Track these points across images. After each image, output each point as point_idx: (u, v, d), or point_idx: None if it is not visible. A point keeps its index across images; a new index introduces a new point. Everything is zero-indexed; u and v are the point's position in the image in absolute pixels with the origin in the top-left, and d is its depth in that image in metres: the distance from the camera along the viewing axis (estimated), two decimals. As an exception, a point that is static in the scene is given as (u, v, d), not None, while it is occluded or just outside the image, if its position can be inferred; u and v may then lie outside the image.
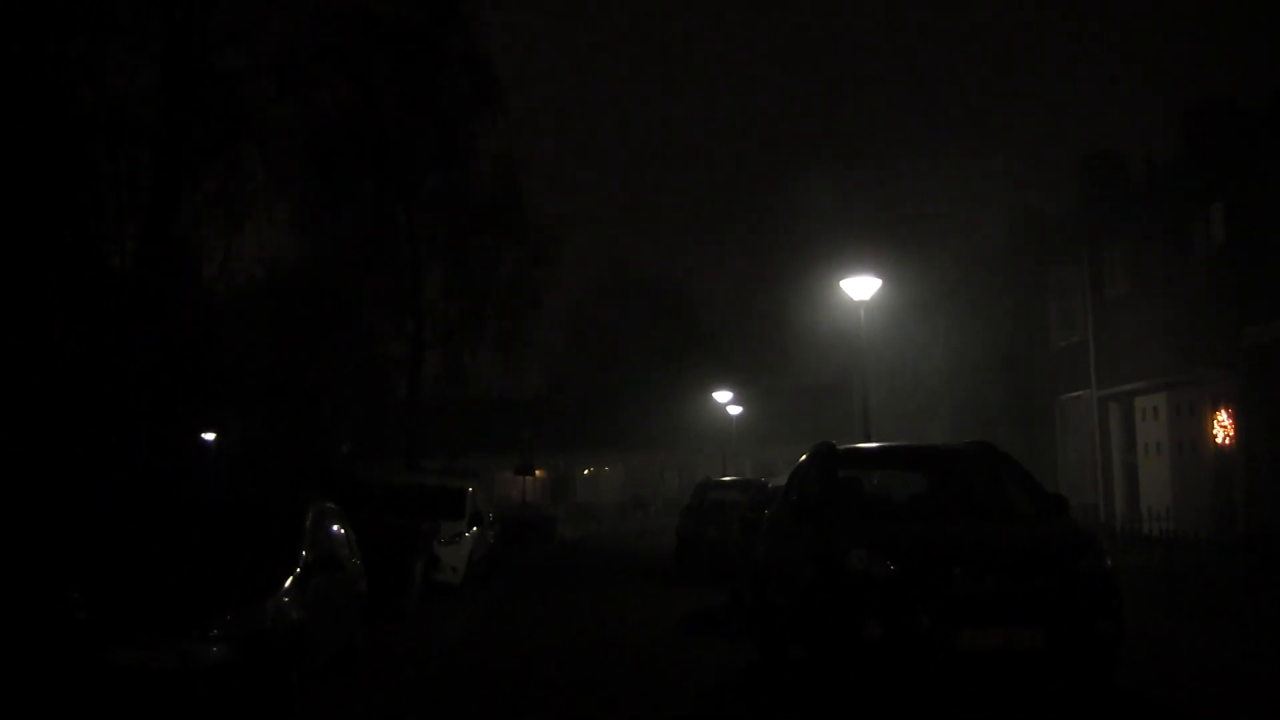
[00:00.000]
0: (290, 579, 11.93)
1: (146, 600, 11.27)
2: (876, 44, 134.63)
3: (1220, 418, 27.97)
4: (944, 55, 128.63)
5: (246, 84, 30.64)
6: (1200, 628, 17.34)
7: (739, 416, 63.65)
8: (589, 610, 21.84)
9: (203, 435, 38.92)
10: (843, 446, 15.40)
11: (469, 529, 25.15)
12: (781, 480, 18.40)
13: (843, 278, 28.07)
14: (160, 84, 28.06)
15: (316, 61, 33.22)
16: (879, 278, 27.86)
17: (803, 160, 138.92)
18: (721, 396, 62.73)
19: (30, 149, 23.26)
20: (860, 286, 27.68)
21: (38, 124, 23.71)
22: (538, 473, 59.36)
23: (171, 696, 10.77)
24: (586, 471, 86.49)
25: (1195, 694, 12.39)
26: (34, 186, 23.23)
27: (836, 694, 11.95)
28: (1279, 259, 24.87)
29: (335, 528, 14.29)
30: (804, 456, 15.43)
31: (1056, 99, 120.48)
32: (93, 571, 12.08)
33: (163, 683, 10.70)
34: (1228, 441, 27.61)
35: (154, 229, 27.61)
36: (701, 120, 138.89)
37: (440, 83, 41.36)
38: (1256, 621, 17.13)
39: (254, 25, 29.59)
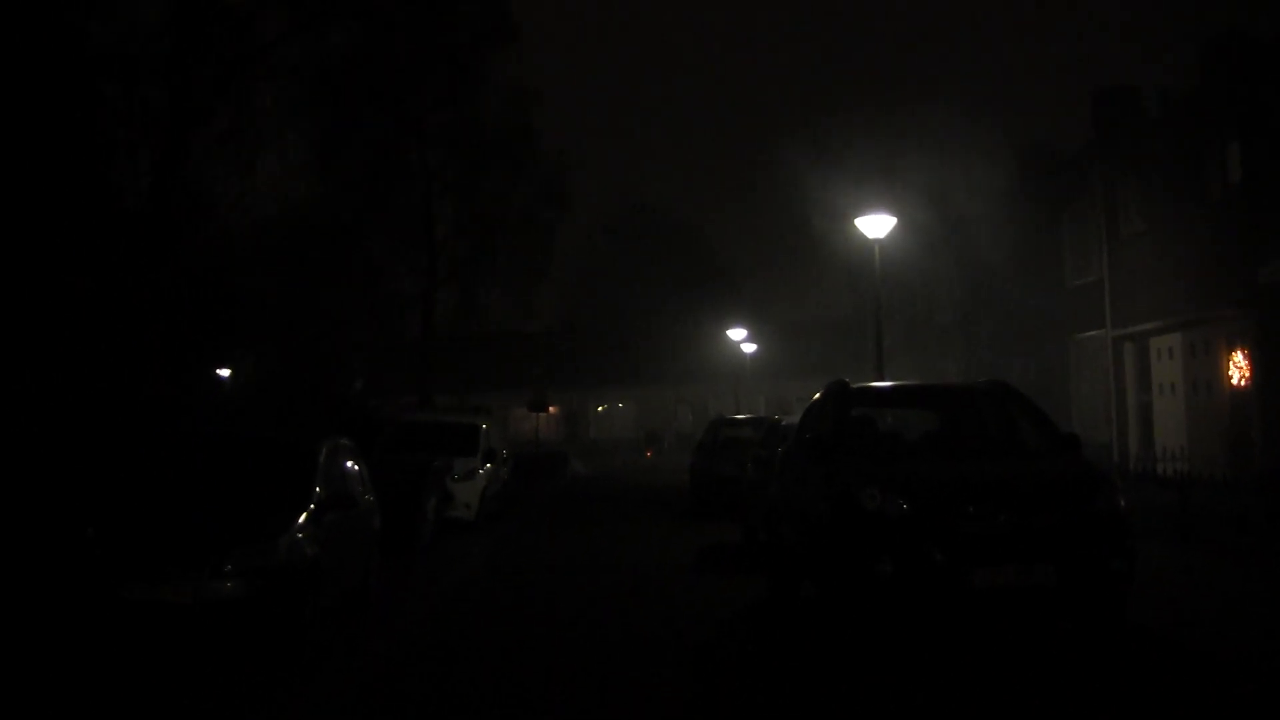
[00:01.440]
0: (304, 515, 11.95)
1: (161, 535, 11.29)
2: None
3: (1236, 357, 27.85)
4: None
5: (256, 19, 30.50)
6: (1213, 565, 17.35)
7: (753, 354, 63.61)
8: (603, 546, 21.89)
9: (217, 371, 38.96)
10: (856, 385, 15.37)
11: (482, 466, 25.20)
12: (795, 418, 18.40)
13: (857, 215, 27.97)
14: (169, 19, 27.94)
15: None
16: (893, 216, 27.77)
17: (819, 99, 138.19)
18: (735, 333, 62.68)
19: (41, 86, 23.18)
20: (875, 224, 27.59)
21: (48, 60, 23.62)
22: (551, 409, 59.42)
23: (185, 631, 10.84)
24: (600, 408, 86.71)
25: (1208, 631, 12.39)
26: (45, 123, 23.17)
27: (848, 630, 11.96)
28: (1297, 196, 24.73)
29: (349, 464, 14.30)
30: (818, 395, 15.42)
31: (1071, 32, 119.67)
32: (108, 507, 12.10)
33: (176, 617, 10.76)
34: (1243, 381, 27.51)
35: (165, 166, 27.57)
36: (718, 59, 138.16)
37: (451, 15, 41.16)
38: (1269, 559, 17.14)
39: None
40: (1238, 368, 27.78)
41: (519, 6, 70.03)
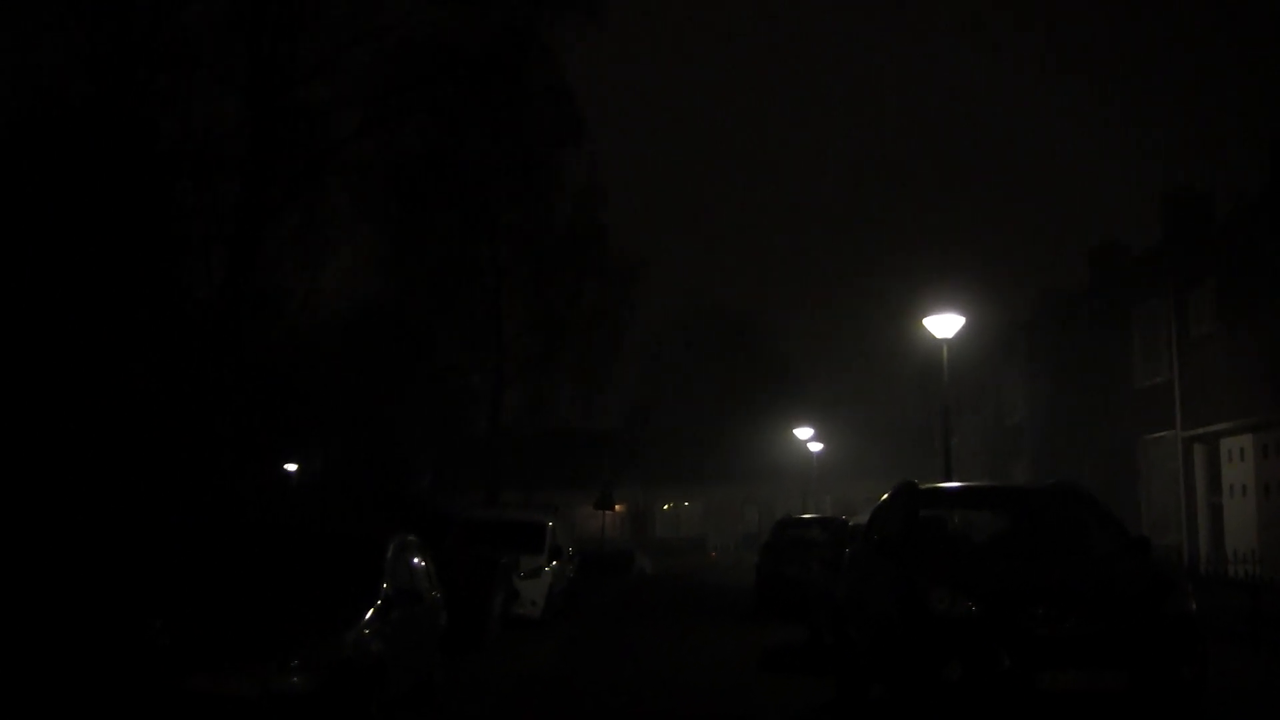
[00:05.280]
0: (371, 610, 11.98)
1: (228, 628, 11.34)
2: (962, 85, 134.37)
3: (1308, 460, 27.57)
4: (1029, 93, 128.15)
5: (330, 117, 30.95)
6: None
7: (820, 454, 63.41)
8: (668, 644, 21.80)
9: (285, 466, 39.21)
10: (924, 485, 15.33)
11: (549, 563, 25.18)
12: (862, 518, 18.34)
13: (926, 315, 27.96)
14: (244, 118, 28.41)
15: (399, 94, 33.51)
16: (962, 315, 27.74)
17: (886, 199, 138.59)
18: (802, 433, 62.49)
19: (118, 182, 23.60)
20: (943, 324, 27.57)
21: (124, 157, 24.06)
22: (617, 507, 59.36)
23: (251, 725, 10.85)
24: (666, 506, 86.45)
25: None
26: (121, 220, 23.56)
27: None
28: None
29: (416, 560, 14.34)
30: (886, 495, 15.37)
31: (1143, 136, 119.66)
32: (175, 599, 12.18)
33: (242, 711, 10.76)
34: (1316, 484, 27.22)
35: (238, 262, 27.91)
36: (782, 160, 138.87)
37: (522, 115, 41.56)
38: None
39: (337, 57, 29.92)
40: (1310, 470, 27.49)
41: (592, 108, 70.37)
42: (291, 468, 40.47)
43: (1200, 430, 31.94)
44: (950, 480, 25.69)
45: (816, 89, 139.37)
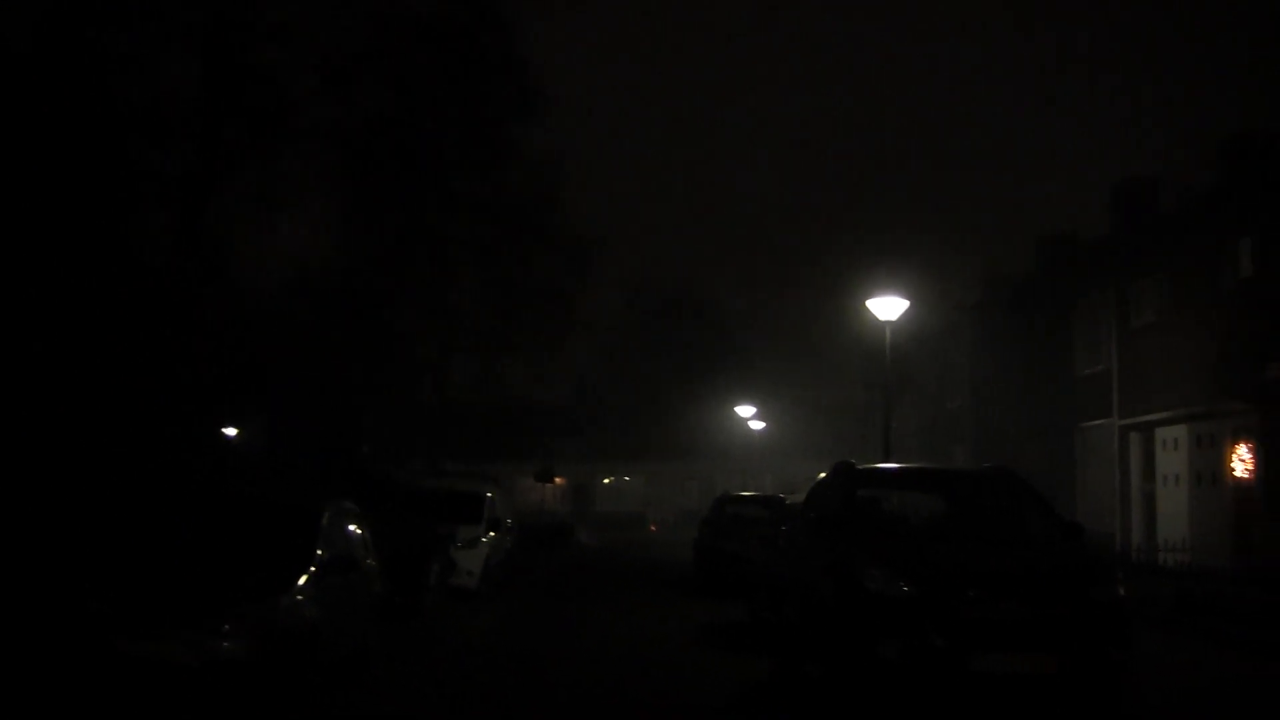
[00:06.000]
0: (305, 577, 11.96)
1: (160, 592, 11.28)
2: (914, 71, 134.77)
3: (1240, 451, 27.86)
4: (979, 82, 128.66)
5: (285, 81, 30.71)
6: (1211, 657, 17.32)
7: (762, 432, 63.62)
8: (605, 618, 21.83)
9: (226, 430, 39.00)
10: (862, 466, 15.45)
11: (487, 534, 25.13)
12: (801, 497, 18.43)
13: (870, 297, 28.08)
14: (199, 78, 28.17)
15: (356, 61, 33.30)
16: (906, 298, 27.87)
17: (835, 181, 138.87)
18: (744, 411, 62.65)
19: (67, 140, 23.38)
20: (887, 307, 27.69)
21: (76, 115, 23.83)
22: (558, 480, 59.35)
23: (182, 689, 10.77)
24: (608, 480, 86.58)
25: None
26: (69, 178, 23.35)
27: (851, 710, 11.95)
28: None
29: (352, 527, 14.31)
30: (824, 474, 15.47)
31: (1093, 125, 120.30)
32: (107, 562, 12.11)
33: (173, 676, 10.70)
34: (1247, 475, 27.50)
35: (187, 225, 27.71)
36: (737, 141, 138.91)
37: (479, 85, 41.34)
38: (1267, 652, 17.10)
39: (294, 21, 29.65)
40: (1242, 461, 27.78)
41: (556, 85, 69.93)
42: (232, 432, 40.20)
43: (1137, 419, 32.25)
44: (890, 462, 25.84)
45: (774, 73, 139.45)
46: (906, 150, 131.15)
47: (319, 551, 12.57)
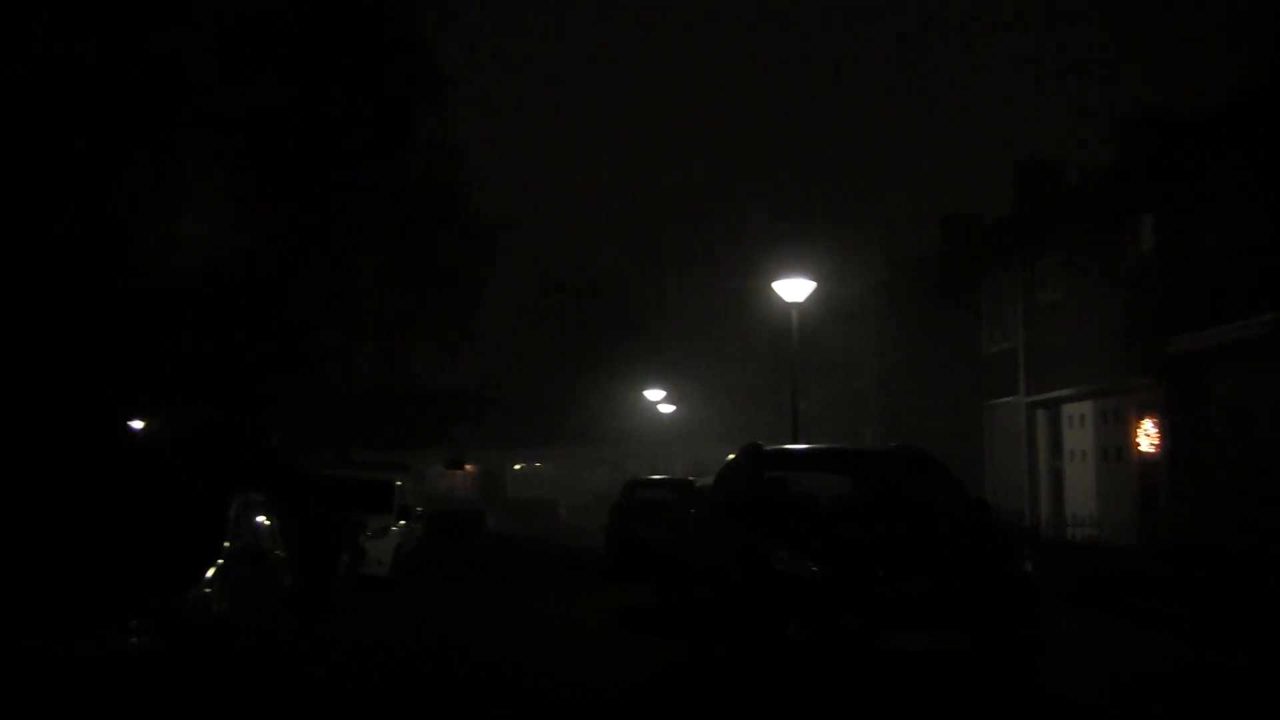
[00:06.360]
0: (213, 569, 11.80)
1: (66, 589, 11.10)
2: (819, 54, 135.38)
3: (1145, 426, 28.17)
4: (879, 60, 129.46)
5: (182, 68, 30.37)
6: (1121, 631, 17.54)
7: (672, 416, 63.76)
8: (517, 605, 21.81)
9: (129, 423, 38.54)
10: (770, 447, 15.47)
11: (397, 522, 25.03)
12: (710, 480, 18.46)
13: (776, 280, 28.14)
14: (95, 65, 27.79)
15: (254, 46, 33.01)
16: (812, 280, 27.96)
17: (740, 162, 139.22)
18: (653, 395, 62.75)
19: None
20: (793, 288, 27.77)
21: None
22: (468, 467, 59.19)
23: (89, 686, 10.60)
24: (518, 466, 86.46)
25: (1114, 696, 12.53)
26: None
27: (762, 692, 11.97)
28: (1206, 271, 25.09)
29: (260, 518, 14.16)
30: (731, 456, 15.49)
31: (995, 105, 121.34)
32: (8, 557, 11.90)
33: (80, 671, 10.52)
34: (1152, 450, 27.83)
35: (85, 213, 27.34)
36: (645, 122, 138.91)
37: (380, 69, 41.09)
38: (1175, 625, 17.34)
39: (191, 6, 29.33)
40: (1147, 436, 28.10)
41: (456, 67, 69.66)
42: (137, 425, 39.73)
43: (1043, 396, 32.55)
44: (798, 443, 25.95)
45: (682, 56, 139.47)
46: (811, 133, 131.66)
47: (227, 543, 12.42)
